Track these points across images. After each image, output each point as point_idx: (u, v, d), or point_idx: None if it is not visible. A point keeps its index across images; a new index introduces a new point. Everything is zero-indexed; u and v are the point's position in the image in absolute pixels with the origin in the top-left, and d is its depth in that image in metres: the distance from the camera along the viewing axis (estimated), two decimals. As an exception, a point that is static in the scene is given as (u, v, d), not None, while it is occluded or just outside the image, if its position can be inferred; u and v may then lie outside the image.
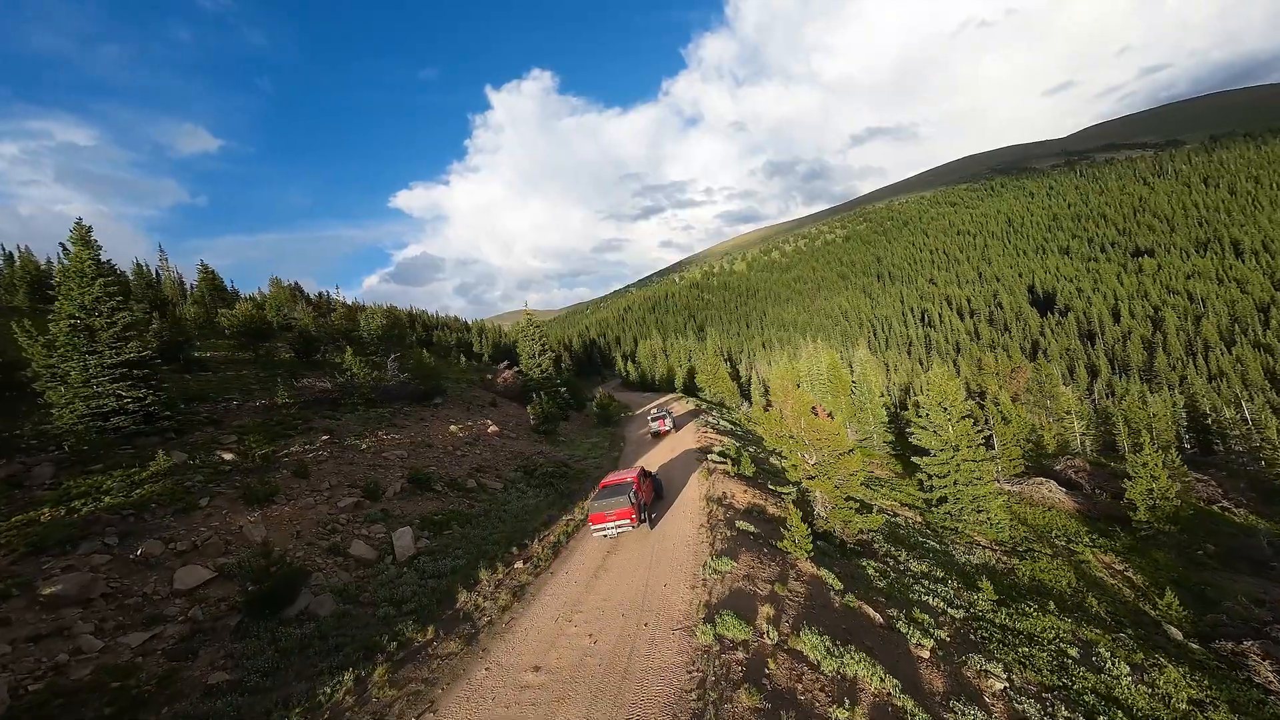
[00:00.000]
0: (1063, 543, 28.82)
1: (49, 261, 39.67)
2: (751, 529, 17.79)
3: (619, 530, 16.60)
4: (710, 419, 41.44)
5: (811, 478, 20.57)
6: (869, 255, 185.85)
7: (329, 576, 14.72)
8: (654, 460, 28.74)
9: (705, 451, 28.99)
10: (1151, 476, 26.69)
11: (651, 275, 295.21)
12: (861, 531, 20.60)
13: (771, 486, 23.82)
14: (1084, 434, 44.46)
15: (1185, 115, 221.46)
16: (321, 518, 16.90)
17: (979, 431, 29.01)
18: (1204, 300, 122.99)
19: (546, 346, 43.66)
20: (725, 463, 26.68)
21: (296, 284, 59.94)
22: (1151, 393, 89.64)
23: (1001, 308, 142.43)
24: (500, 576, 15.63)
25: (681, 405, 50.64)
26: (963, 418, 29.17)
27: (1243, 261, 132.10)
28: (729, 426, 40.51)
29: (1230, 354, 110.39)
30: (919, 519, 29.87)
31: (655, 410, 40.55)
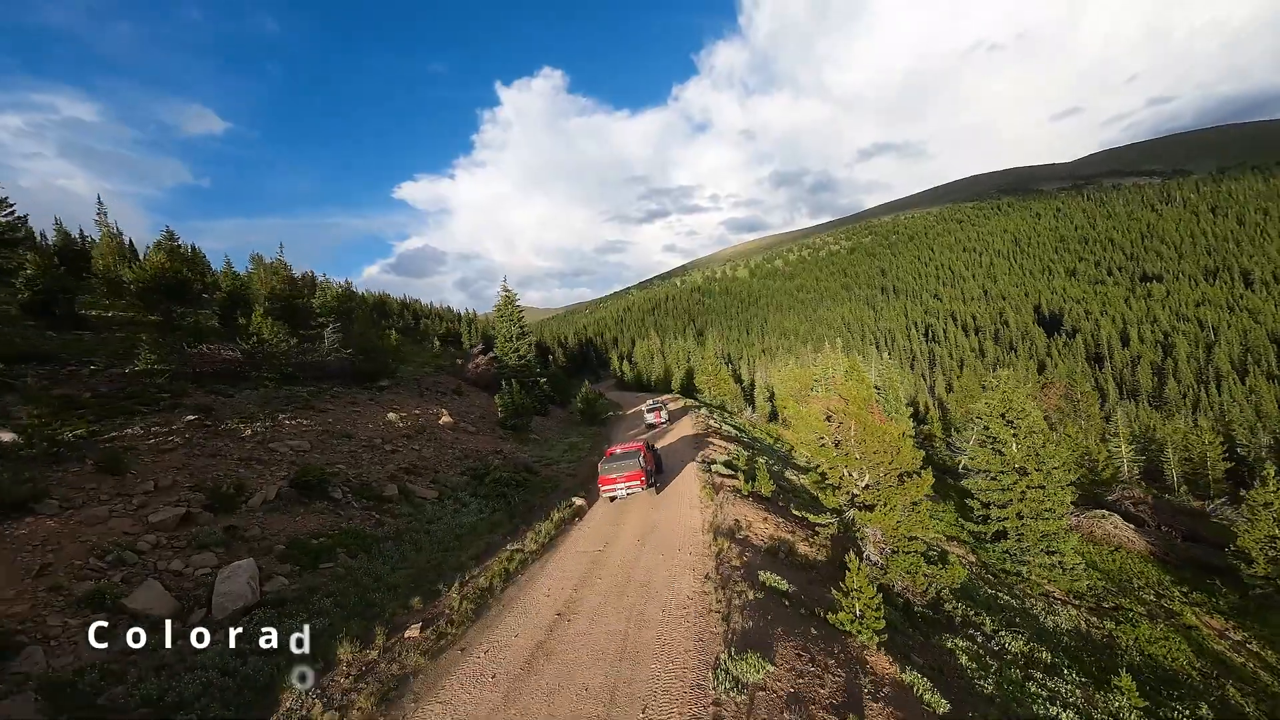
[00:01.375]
0: (1151, 597, 22.45)
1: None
2: (782, 585, 11.34)
3: (629, 492, 16.54)
4: (712, 421, 35.05)
5: (864, 507, 14.17)
6: (873, 268, 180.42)
7: (54, 654, 8.21)
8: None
9: (708, 462, 22.57)
10: (1276, 520, 20.38)
11: (653, 278, 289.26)
12: (931, 587, 14.16)
13: (797, 513, 17.38)
14: (1132, 460, 38.37)
15: (1191, 146, 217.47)
16: (107, 540, 10.39)
17: (1053, 448, 22.64)
18: (1215, 329, 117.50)
19: (526, 330, 37.27)
20: (734, 476, 20.26)
21: (281, 259, 58.85)
22: (1165, 420, 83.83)
23: (1008, 325, 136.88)
24: (372, 656, 9.17)
25: (679, 406, 44.30)
26: (1031, 433, 22.83)
27: (1253, 292, 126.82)
28: (732, 431, 34.09)
29: (1244, 384, 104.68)
30: (970, 556, 23.47)
31: (651, 402, 37.59)
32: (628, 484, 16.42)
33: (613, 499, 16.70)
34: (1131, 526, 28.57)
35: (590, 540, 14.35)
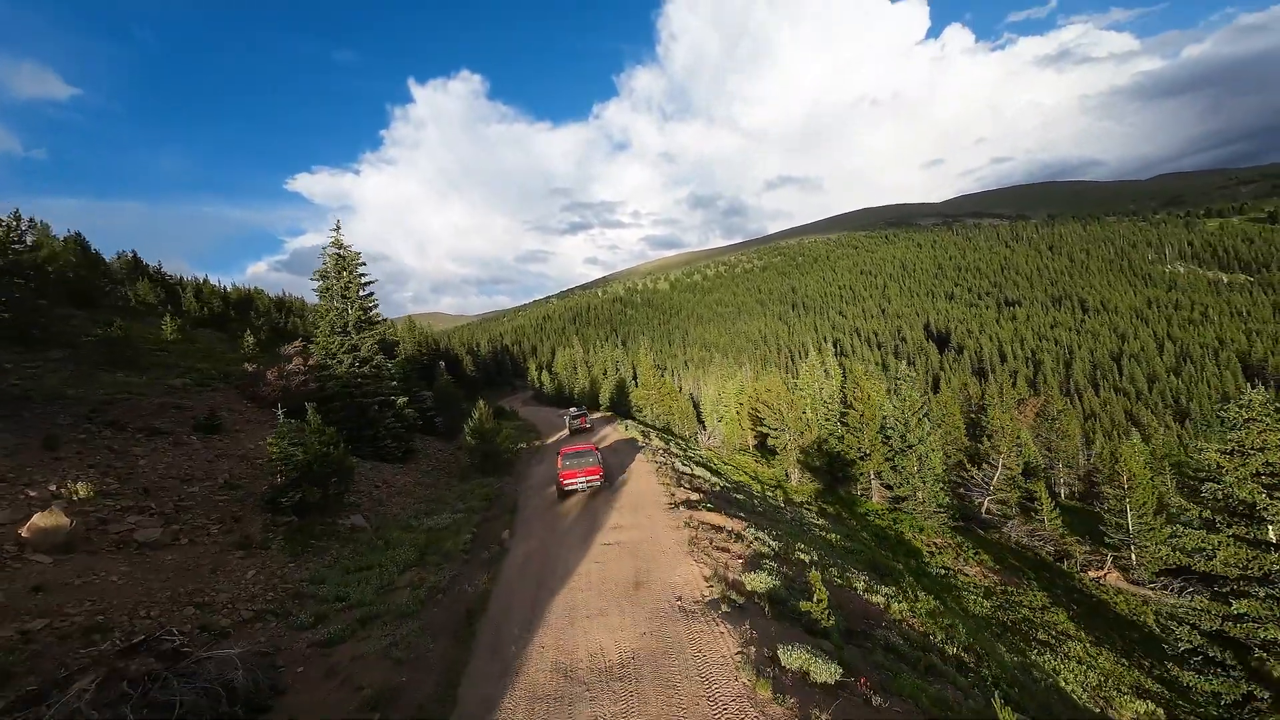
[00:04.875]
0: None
1: None
2: None
3: (589, 485, 16.61)
4: (679, 464, 21.36)
5: None
6: (785, 285, 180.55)
7: None
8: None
9: (719, 581, 8.70)
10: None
11: (574, 288, 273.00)
12: None
13: None
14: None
15: (1025, 196, 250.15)
16: None
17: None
18: (1070, 348, 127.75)
19: (376, 318, 21.11)
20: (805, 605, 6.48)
21: (135, 254, 51.31)
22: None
23: (905, 341, 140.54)
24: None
25: (615, 431, 30.27)
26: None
27: (1089, 317, 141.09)
28: (712, 482, 20.63)
29: (1099, 396, 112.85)
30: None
31: (574, 410, 32.97)
32: (587, 478, 16.43)
33: (572, 493, 16.29)
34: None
35: None
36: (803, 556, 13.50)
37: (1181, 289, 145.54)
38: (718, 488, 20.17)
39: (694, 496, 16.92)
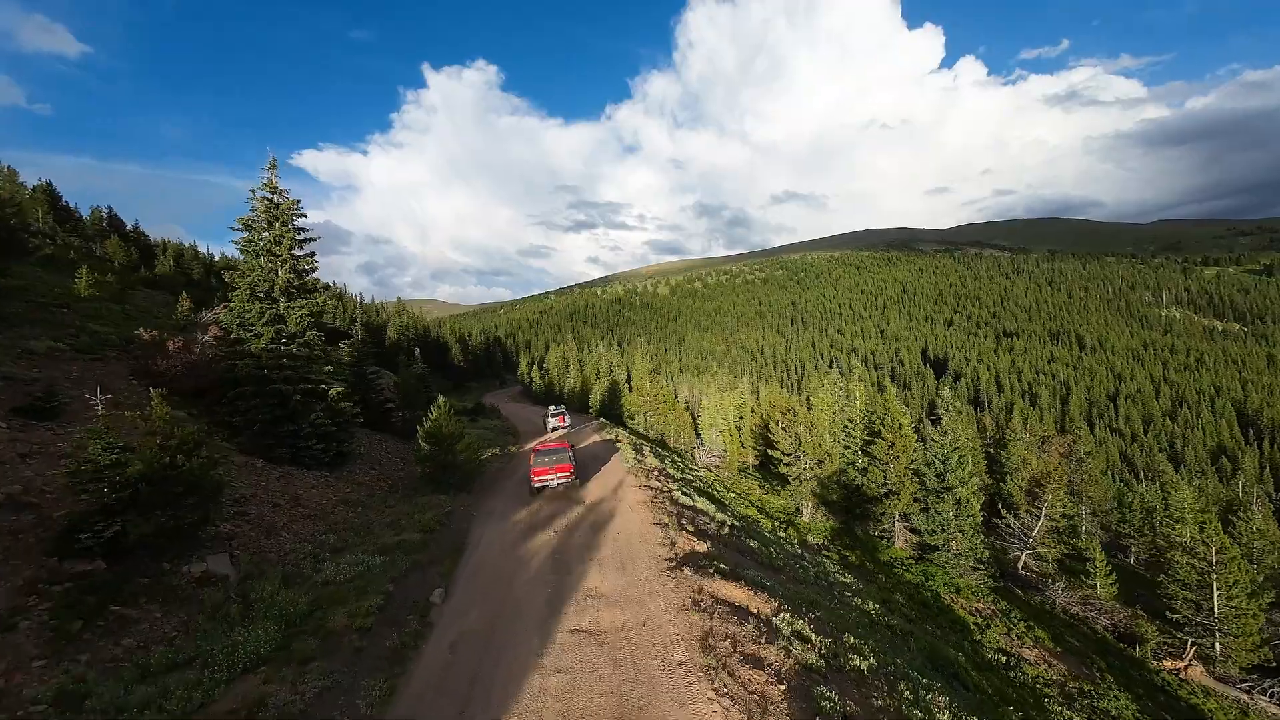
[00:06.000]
0: None
1: None
2: None
3: (560, 482, 15.87)
4: (677, 493, 17.01)
5: None
6: (785, 299, 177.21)
7: None
8: None
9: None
10: None
11: (574, 285, 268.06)
12: None
13: None
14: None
15: (1027, 230, 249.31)
16: None
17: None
18: (1067, 384, 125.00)
19: (313, 282, 16.47)
20: None
21: (111, 210, 48.02)
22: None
23: (903, 364, 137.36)
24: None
25: (603, 441, 25.83)
26: None
27: (1086, 354, 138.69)
28: (719, 516, 16.28)
29: (1094, 434, 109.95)
30: None
31: (553, 408, 31.93)
32: (558, 474, 15.78)
33: (542, 489, 15.72)
34: None
35: None
36: (858, 662, 9.13)
37: (1177, 333, 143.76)
38: (726, 528, 15.80)
39: (700, 547, 12.56)
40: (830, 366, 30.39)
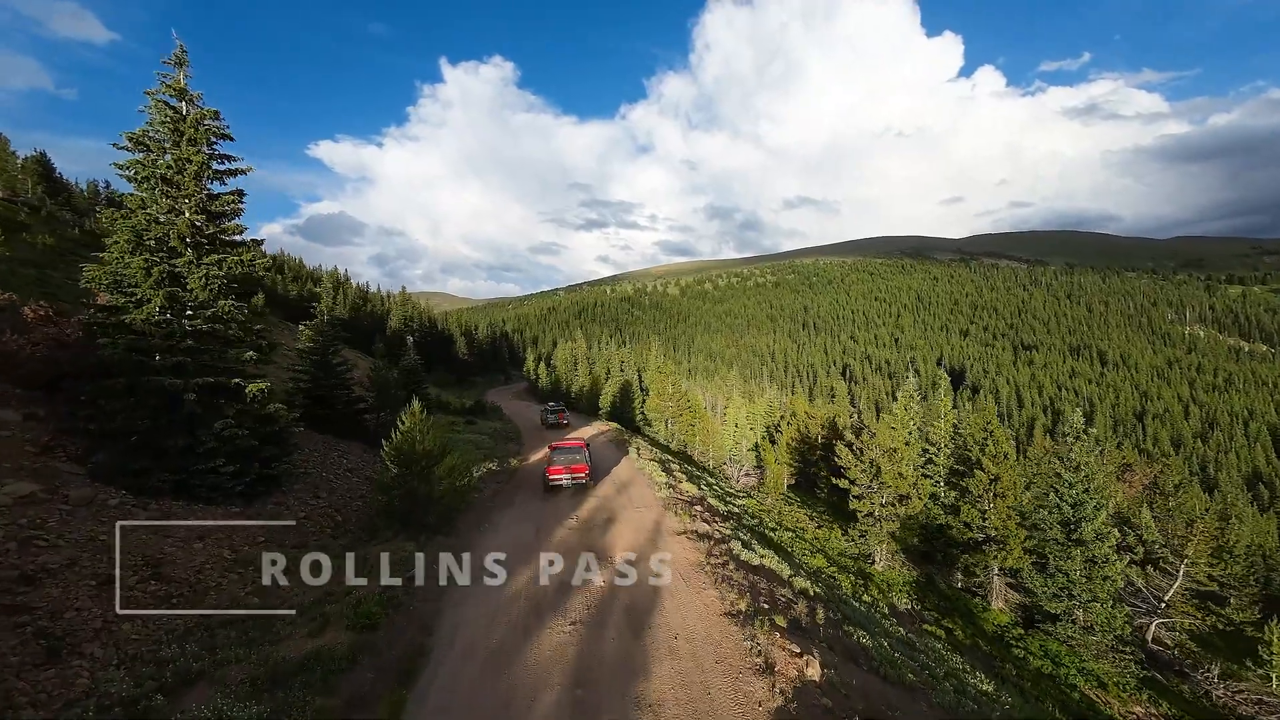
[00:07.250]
0: None
1: None
2: None
3: (574, 482, 15.05)
4: (735, 544, 11.87)
5: None
6: (797, 304, 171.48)
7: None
8: None
9: None
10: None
11: (583, 283, 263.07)
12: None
13: None
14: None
15: (1043, 242, 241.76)
16: None
17: None
18: (1091, 400, 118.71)
19: (227, 230, 11.58)
20: None
21: (109, 185, 43.89)
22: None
23: (919, 374, 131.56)
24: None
25: (620, 455, 20.53)
26: None
27: (1108, 369, 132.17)
28: (790, 576, 11.12)
29: (1120, 453, 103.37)
30: None
31: (552, 404, 30.12)
32: (573, 475, 15.02)
33: (557, 487, 14.95)
34: None
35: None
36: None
37: (1202, 352, 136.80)
38: (817, 610, 10.59)
39: (811, 670, 7.30)
40: (907, 373, 25.15)
